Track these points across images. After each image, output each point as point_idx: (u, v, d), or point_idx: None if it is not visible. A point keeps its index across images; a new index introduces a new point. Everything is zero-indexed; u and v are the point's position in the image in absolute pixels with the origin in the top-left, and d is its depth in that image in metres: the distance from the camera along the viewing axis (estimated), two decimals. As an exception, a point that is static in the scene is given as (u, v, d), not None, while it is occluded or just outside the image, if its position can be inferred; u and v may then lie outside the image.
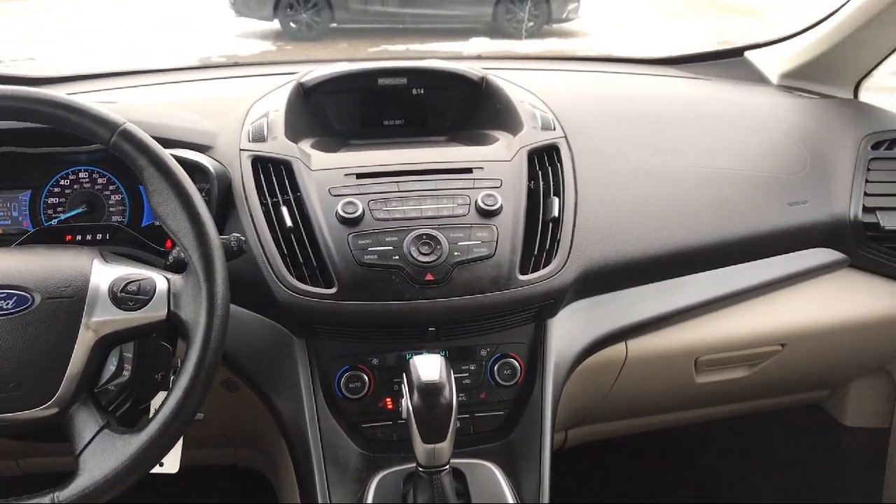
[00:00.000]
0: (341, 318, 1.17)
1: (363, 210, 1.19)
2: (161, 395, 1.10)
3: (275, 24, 9.17)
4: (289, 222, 1.20)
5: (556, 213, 1.26)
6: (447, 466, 1.04)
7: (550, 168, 1.32)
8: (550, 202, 1.27)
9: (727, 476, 2.19)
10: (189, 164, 1.20)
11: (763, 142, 1.57)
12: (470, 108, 1.50)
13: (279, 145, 1.29)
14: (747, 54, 2.04)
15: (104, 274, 0.98)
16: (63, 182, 1.32)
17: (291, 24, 9.07)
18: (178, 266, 1.02)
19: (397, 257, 1.16)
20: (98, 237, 1.28)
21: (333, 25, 9.21)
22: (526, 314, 1.24)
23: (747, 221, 1.42)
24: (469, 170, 1.27)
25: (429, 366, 1.01)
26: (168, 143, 1.11)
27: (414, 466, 1.06)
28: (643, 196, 1.39)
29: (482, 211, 1.21)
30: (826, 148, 1.56)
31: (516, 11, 9.10)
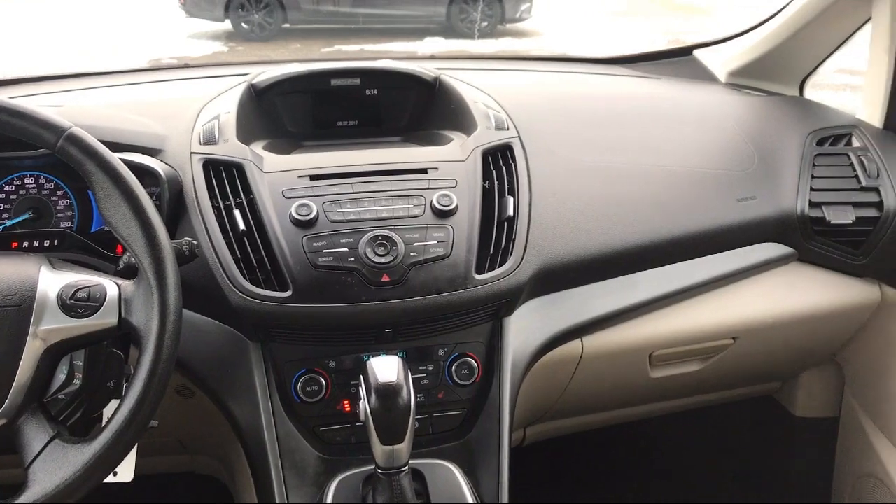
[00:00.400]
0: (297, 322, 1.16)
1: (317, 212, 1.18)
2: (114, 404, 1.07)
3: (226, 25, 9.07)
4: (242, 225, 1.18)
5: (511, 213, 1.26)
6: (406, 467, 1.04)
7: (505, 167, 1.32)
8: (505, 201, 1.27)
9: (684, 468, 2.23)
10: (139, 168, 1.18)
11: (712, 139, 1.59)
12: (424, 109, 1.50)
13: (231, 147, 1.27)
14: (696, 53, 2.07)
15: (52, 281, 0.96)
16: (7, 188, 1.28)
17: (243, 25, 8.98)
18: (129, 272, 1.00)
19: (353, 259, 1.15)
20: (46, 244, 1.24)
21: (286, 26, 9.15)
22: (483, 313, 1.24)
23: (698, 217, 1.44)
24: (424, 170, 1.27)
25: (386, 367, 1.00)
26: (117, 147, 1.09)
27: (373, 468, 1.06)
28: (596, 194, 1.40)
29: (438, 211, 1.21)
30: (773, 144, 1.59)
31: (470, 11, 9.14)
